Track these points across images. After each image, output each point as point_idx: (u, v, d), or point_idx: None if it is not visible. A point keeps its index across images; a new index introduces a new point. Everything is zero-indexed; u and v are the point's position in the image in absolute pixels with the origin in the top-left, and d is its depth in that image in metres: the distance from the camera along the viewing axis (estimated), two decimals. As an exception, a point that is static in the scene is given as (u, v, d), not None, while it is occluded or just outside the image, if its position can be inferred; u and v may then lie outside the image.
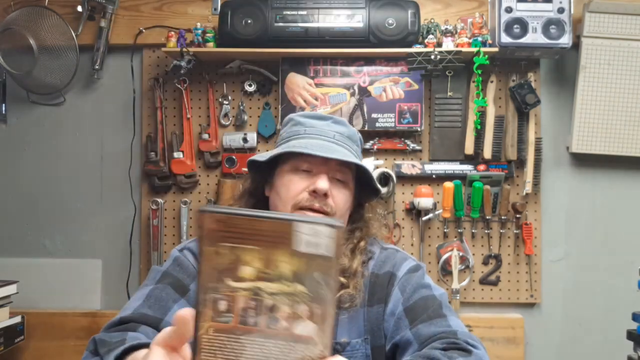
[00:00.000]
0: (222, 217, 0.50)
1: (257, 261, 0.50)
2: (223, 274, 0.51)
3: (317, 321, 0.51)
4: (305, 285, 0.51)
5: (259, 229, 0.50)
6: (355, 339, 0.95)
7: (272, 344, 0.52)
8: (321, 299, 0.51)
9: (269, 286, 0.51)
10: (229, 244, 0.51)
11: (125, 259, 2.01)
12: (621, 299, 1.87)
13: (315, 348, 0.52)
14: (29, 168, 2.06)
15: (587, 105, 1.93)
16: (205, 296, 0.52)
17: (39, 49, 1.96)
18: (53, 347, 1.95)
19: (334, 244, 0.50)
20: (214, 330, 0.52)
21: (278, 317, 0.51)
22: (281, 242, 0.50)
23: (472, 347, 0.80)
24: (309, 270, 0.50)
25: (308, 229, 0.49)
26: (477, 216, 1.94)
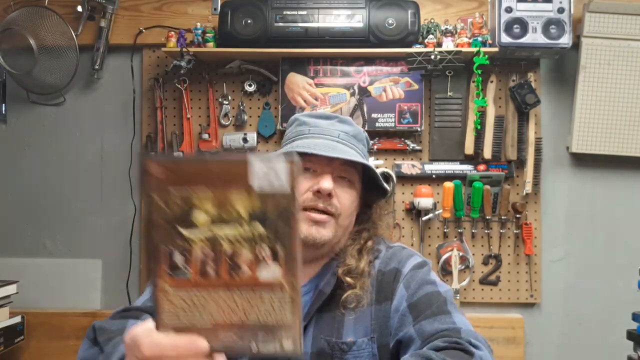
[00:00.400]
0: (169, 163, 0.47)
1: (211, 205, 0.47)
2: (174, 223, 0.47)
3: (282, 263, 0.48)
4: (265, 226, 0.47)
5: (210, 171, 0.46)
6: (361, 338, 0.94)
7: (238, 295, 0.49)
8: (283, 238, 0.48)
9: (226, 231, 0.47)
10: (179, 190, 0.47)
11: (125, 259, 2.01)
12: (621, 299, 1.87)
13: (284, 293, 0.49)
14: (29, 168, 2.06)
15: (587, 105, 1.93)
16: (157, 251, 0.48)
17: (39, 49, 1.96)
18: (53, 347, 1.95)
19: (291, 179, 0.47)
20: (172, 287, 0.48)
21: (240, 264, 0.48)
22: (235, 182, 0.47)
23: (474, 347, 0.78)
24: (268, 210, 0.47)
25: (262, 167, 0.46)
26: (477, 216, 1.94)
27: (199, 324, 0.49)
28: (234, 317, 0.49)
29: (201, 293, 0.48)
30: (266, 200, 0.47)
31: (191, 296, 0.48)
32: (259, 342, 0.50)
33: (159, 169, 0.46)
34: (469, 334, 0.83)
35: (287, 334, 0.49)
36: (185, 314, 0.49)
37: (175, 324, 0.50)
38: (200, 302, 0.49)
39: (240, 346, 0.50)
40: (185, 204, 0.47)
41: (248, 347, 0.50)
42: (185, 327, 0.49)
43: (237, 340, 0.50)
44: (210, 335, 0.49)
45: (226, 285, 0.48)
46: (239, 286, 0.48)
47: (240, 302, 0.49)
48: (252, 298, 0.48)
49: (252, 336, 0.49)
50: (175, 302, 0.48)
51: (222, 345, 0.50)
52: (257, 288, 0.48)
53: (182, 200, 0.47)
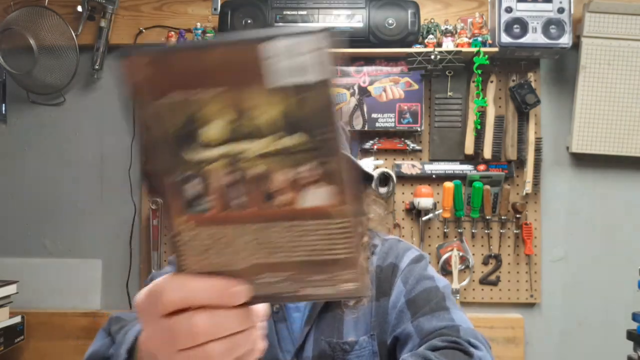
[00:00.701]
0: (158, 57, 0.33)
1: (225, 111, 0.34)
2: (180, 143, 0.35)
3: (331, 179, 0.36)
4: (303, 132, 0.35)
5: (213, 64, 0.33)
6: (362, 337, 0.92)
7: (276, 229, 0.37)
8: (329, 145, 0.35)
9: (250, 147, 0.35)
10: (177, 95, 0.34)
11: (125, 259, 2.01)
12: (621, 299, 1.87)
13: (337, 220, 0.37)
14: (29, 168, 2.06)
15: (587, 105, 1.93)
16: (165, 182, 0.37)
17: (39, 49, 1.95)
18: (53, 347, 1.95)
19: (325, 60, 0.33)
20: (193, 226, 0.38)
21: (273, 188, 0.36)
22: (250, 77, 0.33)
23: (473, 347, 0.77)
24: (302, 109, 0.34)
25: (283, 50, 0.33)
26: (477, 216, 1.94)
27: (233, 266, 0.38)
28: (275, 255, 0.38)
29: (228, 230, 0.37)
30: (297, 95, 0.34)
31: (217, 234, 0.38)
32: (310, 285, 0.39)
33: (142, 70, 0.34)
34: (467, 332, 0.82)
35: (347, 273, 0.39)
36: (215, 255, 0.38)
37: (204, 266, 0.39)
38: (229, 241, 0.38)
39: (286, 291, 0.39)
40: (188, 115, 0.34)
41: (295, 292, 0.39)
42: (216, 270, 0.39)
43: (281, 285, 0.39)
44: (248, 279, 0.39)
45: (259, 217, 0.37)
46: (276, 217, 0.37)
47: (280, 236, 0.38)
48: (296, 231, 0.37)
49: (301, 278, 0.39)
50: (199, 242, 0.38)
51: (264, 292, 0.39)
52: (300, 217, 0.37)
53: (183, 110, 0.34)
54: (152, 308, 0.40)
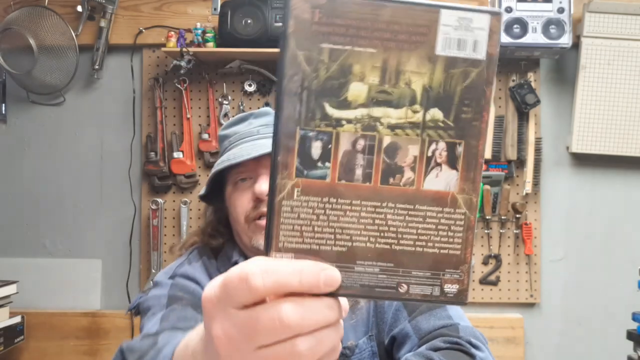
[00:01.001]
0: (325, 1, 0.33)
1: (373, 72, 0.33)
2: (325, 93, 0.33)
3: (462, 168, 0.34)
4: (445, 109, 0.34)
5: (382, 21, 0.33)
6: (361, 339, 0.91)
7: (391, 209, 0.34)
8: (469, 130, 0.34)
9: (388, 113, 0.33)
10: (341, 43, 0.33)
11: (125, 259, 2.01)
12: (621, 299, 1.87)
13: (458, 212, 0.35)
14: (29, 168, 2.06)
15: (587, 105, 1.92)
16: (287, 135, 0.33)
17: (39, 49, 1.96)
18: (53, 347, 1.95)
19: (493, 41, 0.34)
20: (300, 192, 0.34)
21: (401, 164, 0.34)
22: (420, 40, 0.33)
23: (474, 348, 0.77)
24: (452, 85, 0.33)
25: (460, 21, 0.33)
26: (477, 216, 1.93)
27: (330, 247, 0.35)
28: (380, 240, 0.35)
29: (340, 202, 0.34)
30: (452, 71, 0.33)
31: (325, 206, 0.34)
32: (411, 282, 0.36)
33: (309, 8, 0.32)
34: (466, 331, 0.82)
35: (453, 274, 0.36)
36: (312, 232, 0.35)
37: (297, 246, 0.35)
38: (336, 216, 0.34)
39: (383, 285, 0.36)
40: (341, 67, 0.33)
41: (394, 289, 0.36)
42: (309, 252, 0.35)
43: (380, 277, 0.35)
44: (343, 265, 0.35)
45: (377, 192, 0.34)
46: (395, 196, 0.34)
47: (392, 219, 0.34)
48: (410, 215, 0.34)
49: (404, 271, 0.35)
50: (300, 214, 0.34)
51: (359, 283, 0.35)
52: (421, 201, 0.34)
53: (337, 61, 0.33)
54: (232, 298, 0.34)
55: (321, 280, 0.34)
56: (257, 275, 0.33)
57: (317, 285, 0.34)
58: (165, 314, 0.84)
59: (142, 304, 0.91)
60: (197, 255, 0.99)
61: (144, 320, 0.87)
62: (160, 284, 0.93)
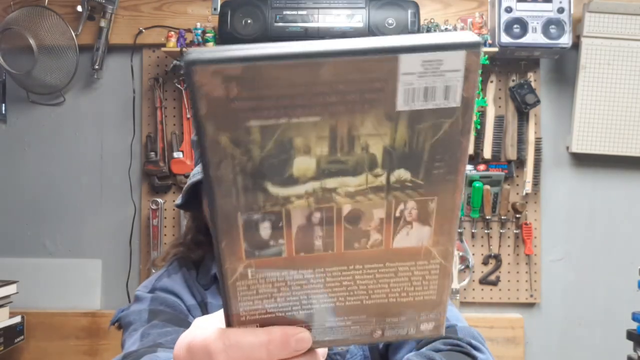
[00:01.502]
0: (239, 71, 0.25)
1: (320, 143, 0.27)
2: (265, 174, 0.28)
3: (435, 223, 0.31)
4: (412, 168, 0.29)
5: (322, 83, 0.26)
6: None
7: (360, 272, 0.32)
8: (441, 185, 0.29)
9: (345, 182, 0.29)
10: (262, 122, 0.26)
11: (125, 259, 2.01)
12: (621, 299, 1.87)
13: (432, 263, 0.32)
14: (29, 168, 2.06)
15: (587, 105, 1.93)
16: (230, 223, 0.29)
17: (39, 49, 1.96)
18: (53, 347, 1.95)
19: (470, 82, 0.27)
20: (255, 271, 0.31)
21: (366, 228, 0.30)
22: (367, 98, 0.26)
23: (475, 350, 0.77)
24: (420, 141, 0.28)
25: (417, 65, 0.26)
26: (477, 216, 1.94)
27: (297, 312, 0.33)
28: (349, 298, 0.33)
29: (301, 272, 0.32)
30: (419, 126, 0.27)
31: (285, 278, 0.32)
32: (387, 327, 0.35)
33: (221, 84, 0.25)
34: (465, 331, 0.82)
35: (429, 315, 0.34)
36: (274, 303, 0.32)
37: (259, 316, 0.33)
38: (299, 285, 0.32)
39: (357, 334, 0.34)
40: (279, 144, 0.27)
41: (368, 335, 0.35)
42: (274, 318, 0.33)
43: (353, 328, 0.34)
44: (312, 324, 0.34)
45: (342, 258, 0.31)
46: (362, 258, 0.31)
47: (362, 279, 0.32)
48: (380, 272, 0.32)
49: (377, 320, 0.34)
50: (259, 289, 0.32)
51: (331, 335, 0.34)
52: (391, 258, 0.32)
53: (272, 138, 0.27)
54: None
55: (291, 347, 0.33)
56: (221, 352, 0.32)
57: (287, 352, 0.33)
58: (145, 330, 0.83)
59: (123, 319, 0.90)
60: (177, 266, 0.98)
61: (125, 336, 0.87)
62: (140, 299, 0.92)
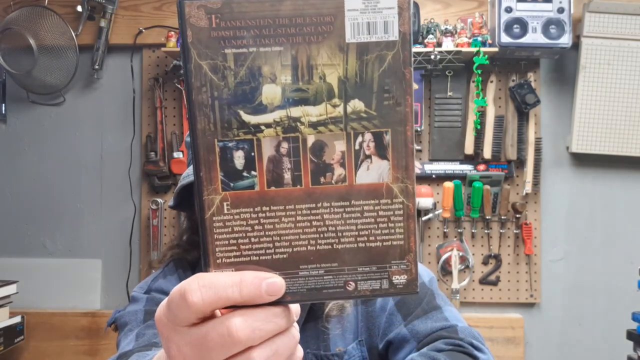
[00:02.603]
0: (219, 5, 0.31)
1: (284, 71, 0.32)
2: (239, 100, 0.32)
3: (392, 157, 0.33)
4: (365, 98, 0.32)
5: (283, 16, 0.31)
6: (350, 345, 0.89)
7: (327, 209, 0.34)
8: (392, 116, 0.33)
9: (308, 111, 0.32)
10: (238, 49, 0.32)
11: (125, 259, 2.01)
12: (621, 299, 1.87)
13: (395, 202, 0.34)
14: (28, 168, 2.06)
15: (587, 105, 1.93)
16: (207, 150, 0.33)
17: (39, 49, 1.96)
18: (53, 347, 1.95)
19: (404, 18, 0.33)
20: (230, 205, 0.33)
21: (330, 161, 0.33)
22: (327, 30, 0.31)
23: (477, 350, 0.78)
24: (368, 72, 0.32)
25: (359, 3, 0.31)
26: (477, 216, 1.94)
27: (270, 256, 0.34)
28: (320, 242, 0.34)
29: (273, 209, 0.33)
30: (366, 57, 0.32)
31: (258, 215, 0.33)
32: (359, 279, 0.35)
33: (204, 15, 0.31)
34: (465, 332, 0.82)
35: (400, 264, 0.35)
36: (249, 244, 0.34)
37: (236, 259, 0.34)
38: (271, 224, 0.34)
39: (330, 286, 0.35)
40: (249, 71, 0.32)
41: (342, 288, 0.35)
42: (249, 263, 0.34)
43: (326, 278, 0.35)
44: (287, 272, 0.35)
45: (310, 194, 0.33)
46: (329, 195, 0.33)
47: (330, 218, 0.34)
48: (347, 212, 0.34)
49: (349, 270, 0.35)
50: (234, 227, 0.33)
51: (305, 287, 0.35)
52: (355, 196, 0.33)
53: (244, 65, 0.31)
54: (177, 317, 0.34)
55: (263, 290, 0.33)
56: (195, 291, 0.33)
57: (260, 295, 0.33)
58: (140, 330, 0.83)
59: (119, 320, 0.91)
60: (173, 267, 0.98)
61: (120, 336, 0.87)
62: (136, 299, 0.93)
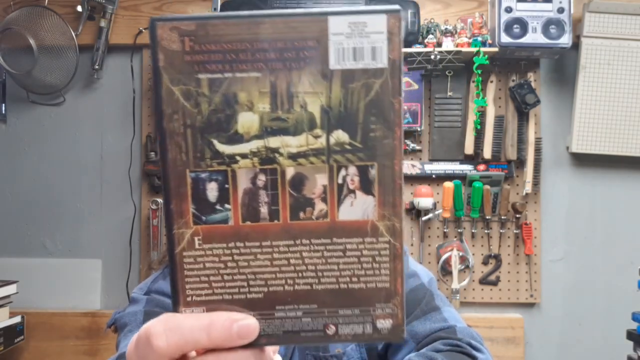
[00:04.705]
0: (202, 26, 0.29)
1: (262, 99, 0.29)
2: (207, 132, 0.30)
3: (378, 193, 0.31)
4: (349, 129, 0.30)
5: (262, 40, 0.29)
6: (349, 346, 0.89)
7: (307, 247, 0.31)
8: (379, 149, 0.30)
9: (287, 142, 0.30)
10: (212, 74, 0.29)
11: (125, 259, 2.01)
12: (621, 299, 1.87)
13: (381, 241, 0.32)
14: (28, 168, 2.06)
15: (587, 105, 1.93)
16: (177, 180, 0.30)
17: (39, 49, 1.96)
18: (53, 347, 1.95)
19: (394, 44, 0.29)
20: (202, 240, 0.31)
21: (310, 195, 0.31)
22: (310, 56, 0.29)
23: (475, 350, 0.78)
24: (354, 101, 0.30)
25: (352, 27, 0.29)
26: (477, 216, 1.94)
27: (245, 295, 0.32)
28: (299, 281, 0.32)
29: (248, 245, 0.31)
30: (351, 85, 0.29)
31: (232, 252, 0.31)
32: (339, 323, 0.33)
33: (177, 38, 0.29)
34: (464, 332, 0.82)
35: (385, 308, 0.33)
36: (221, 282, 0.32)
37: (207, 298, 0.32)
38: (246, 261, 0.31)
39: (309, 329, 0.33)
40: (225, 98, 0.29)
41: (321, 331, 0.33)
42: (221, 302, 0.32)
43: (304, 320, 0.33)
44: (262, 312, 0.32)
45: (288, 229, 0.31)
46: (309, 231, 0.31)
47: (309, 256, 0.32)
48: (328, 250, 0.32)
49: (329, 312, 0.32)
50: (206, 263, 0.31)
51: (281, 329, 0.32)
52: (337, 233, 0.31)
53: (219, 92, 0.29)
54: (145, 359, 0.32)
55: (234, 333, 0.31)
56: (160, 335, 0.31)
57: (230, 339, 0.31)
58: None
59: (119, 320, 0.91)
60: None
61: (120, 337, 0.87)
62: (136, 300, 0.93)
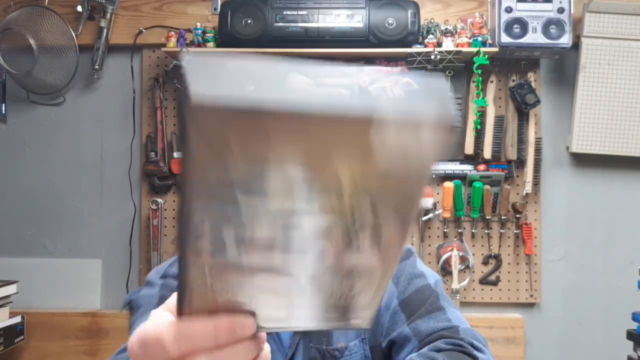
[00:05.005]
0: (242, 116, 0.25)
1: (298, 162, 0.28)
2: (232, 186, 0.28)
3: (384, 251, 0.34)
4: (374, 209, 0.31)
5: (306, 130, 0.27)
6: (352, 342, 0.91)
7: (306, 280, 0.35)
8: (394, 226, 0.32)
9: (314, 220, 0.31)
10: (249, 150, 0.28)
11: (125, 259, 2.01)
12: (621, 299, 1.87)
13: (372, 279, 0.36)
14: (28, 168, 2.06)
15: (587, 105, 1.93)
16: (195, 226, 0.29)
17: (39, 49, 1.96)
18: (53, 347, 1.95)
19: (436, 153, 0.28)
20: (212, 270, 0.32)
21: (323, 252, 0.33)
22: (346, 145, 0.28)
23: (477, 350, 0.78)
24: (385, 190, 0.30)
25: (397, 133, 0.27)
26: (477, 216, 1.94)
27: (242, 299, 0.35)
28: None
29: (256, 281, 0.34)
30: (387, 176, 0.29)
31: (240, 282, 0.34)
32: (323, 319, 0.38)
33: (221, 123, 0.26)
34: (467, 332, 0.82)
35: (359, 314, 0.38)
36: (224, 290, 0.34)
37: (209, 304, 0.34)
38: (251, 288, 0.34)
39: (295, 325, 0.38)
40: (255, 160, 0.28)
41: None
42: (221, 305, 0.35)
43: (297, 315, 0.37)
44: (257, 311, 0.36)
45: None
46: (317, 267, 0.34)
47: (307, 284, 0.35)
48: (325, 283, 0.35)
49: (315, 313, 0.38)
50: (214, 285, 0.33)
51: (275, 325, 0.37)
52: (338, 274, 0.34)
53: (250, 157, 0.28)
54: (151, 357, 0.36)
55: (237, 334, 0.36)
56: (173, 343, 0.35)
57: (232, 338, 0.36)
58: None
59: (134, 301, 0.92)
60: None
61: (134, 317, 0.89)
62: (151, 284, 0.94)
